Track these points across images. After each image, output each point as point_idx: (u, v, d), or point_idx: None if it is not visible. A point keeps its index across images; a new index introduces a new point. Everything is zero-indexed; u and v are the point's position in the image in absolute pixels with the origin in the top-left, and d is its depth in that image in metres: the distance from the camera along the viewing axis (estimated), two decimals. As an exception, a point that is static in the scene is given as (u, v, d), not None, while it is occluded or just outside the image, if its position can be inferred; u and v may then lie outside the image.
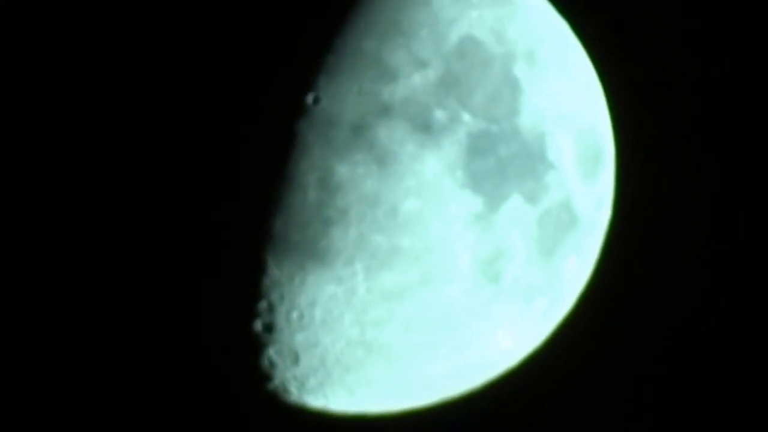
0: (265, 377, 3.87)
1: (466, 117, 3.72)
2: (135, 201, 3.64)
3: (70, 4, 3.83)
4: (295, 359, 3.81)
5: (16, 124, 3.79)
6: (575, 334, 4.47)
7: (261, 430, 4.12)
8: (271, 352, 3.80)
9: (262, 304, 3.71)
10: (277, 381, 3.89)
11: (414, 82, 3.69)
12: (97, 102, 3.70)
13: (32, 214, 3.76)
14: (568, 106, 4.01)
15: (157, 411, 4.04)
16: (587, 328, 4.76)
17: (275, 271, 3.65)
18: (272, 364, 3.83)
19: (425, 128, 3.67)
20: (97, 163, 3.67)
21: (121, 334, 3.78)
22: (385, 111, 3.65)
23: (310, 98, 3.63)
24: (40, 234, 3.76)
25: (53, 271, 3.77)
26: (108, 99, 3.69)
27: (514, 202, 3.79)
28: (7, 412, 4.18)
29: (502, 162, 3.77)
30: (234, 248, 3.64)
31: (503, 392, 4.33)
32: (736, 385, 5.36)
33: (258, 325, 3.75)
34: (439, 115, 3.69)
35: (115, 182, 3.65)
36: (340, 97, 3.64)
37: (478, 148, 3.72)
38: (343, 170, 3.61)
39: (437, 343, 3.86)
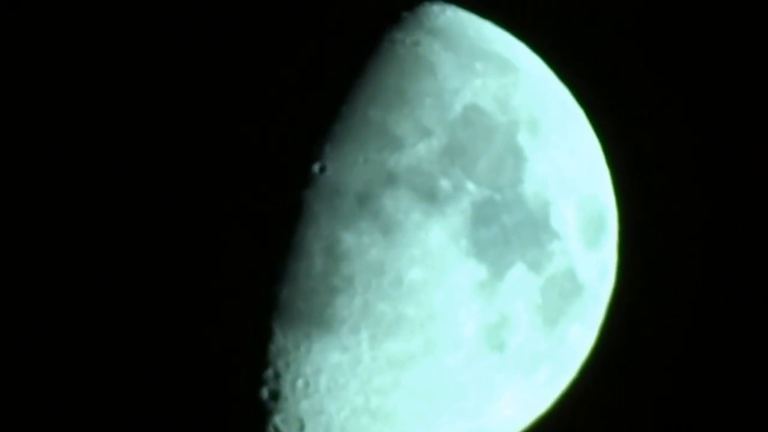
0: (271, 445, 3.87)
1: (471, 186, 3.74)
2: (135, 202, 3.63)
3: (70, 4, 3.85)
4: (301, 427, 3.79)
5: (16, 124, 3.79)
6: (578, 402, 4.46)
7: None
8: (277, 419, 3.79)
9: (268, 372, 3.71)
10: (282, 449, 3.88)
11: (419, 151, 3.71)
12: (97, 102, 3.71)
13: (32, 214, 3.74)
14: (571, 173, 4.03)
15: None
16: (590, 397, 4.75)
17: (281, 339, 3.66)
18: (278, 431, 3.83)
19: (430, 197, 3.69)
20: (97, 163, 3.68)
21: (122, 336, 3.75)
22: (391, 180, 3.67)
23: (316, 167, 3.66)
24: (40, 234, 3.74)
25: (53, 271, 3.74)
26: (108, 99, 3.70)
27: (518, 270, 3.80)
28: (7, 412, 4.11)
29: (506, 230, 3.78)
30: (240, 316, 3.65)
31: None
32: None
33: (264, 393, 3.74)
34: (444, 184, 3.71)
35: (115, 182, 3.66)
36: (346, 166, 3.66)
37: (483, 216, 3.74)
38: (348, 239, 3.63)
39: (441, 410, 3.85)
